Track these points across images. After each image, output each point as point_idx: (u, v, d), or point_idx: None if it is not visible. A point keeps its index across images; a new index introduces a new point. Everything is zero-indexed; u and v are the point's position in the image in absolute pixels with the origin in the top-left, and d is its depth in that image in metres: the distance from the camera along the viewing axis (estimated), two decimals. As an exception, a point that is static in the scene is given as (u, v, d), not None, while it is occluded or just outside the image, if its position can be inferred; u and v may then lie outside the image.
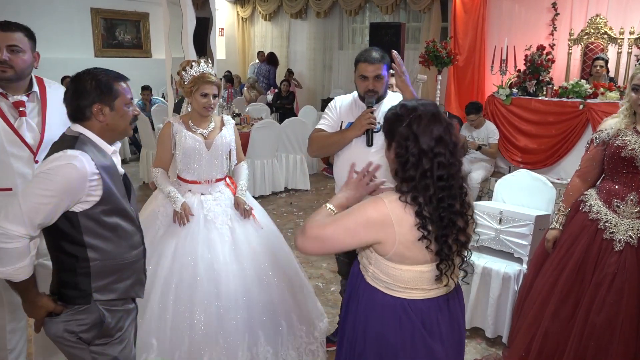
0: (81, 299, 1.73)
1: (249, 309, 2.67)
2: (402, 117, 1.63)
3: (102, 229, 1.72)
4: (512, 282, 3.14)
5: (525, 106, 5.87)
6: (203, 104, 2.73)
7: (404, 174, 1.61)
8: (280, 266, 2.91)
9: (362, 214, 1.62)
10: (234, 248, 2.76)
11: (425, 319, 1.68)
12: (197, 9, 5.51)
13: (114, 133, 1.79)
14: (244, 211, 2.84)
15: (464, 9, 7.88)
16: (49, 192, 1.60)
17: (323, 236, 1.62)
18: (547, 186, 3.33)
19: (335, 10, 10.78)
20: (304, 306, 2.97)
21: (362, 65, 2.60)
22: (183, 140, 2.77)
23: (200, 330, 2.57)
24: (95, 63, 8.52)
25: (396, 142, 1.64)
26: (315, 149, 2.82)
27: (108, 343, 1.79)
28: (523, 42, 6.52)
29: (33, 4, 8.68)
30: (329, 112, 2.82)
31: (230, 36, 12.66)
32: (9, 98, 2.21)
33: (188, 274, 2.63)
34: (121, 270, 1.80)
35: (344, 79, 11.08)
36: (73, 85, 1.74)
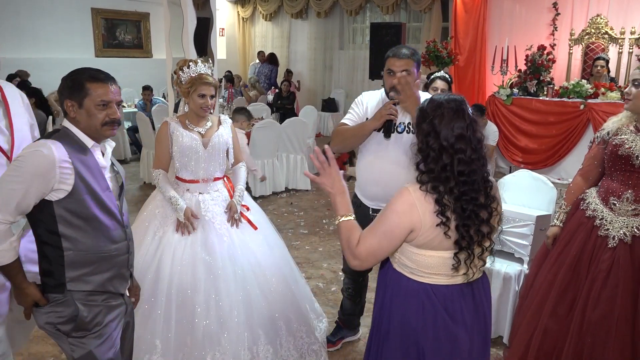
0: (56, 288, 1.79)
1: (248, 309, 2.67)
2: (427, 113, 1.69)
3: (76, 219, 1.76)
4: (513, 283, 3.13)
5: (526, 106, 5.87)
6: (200, 104, 2.71)
7: (425, 167, 1.67)
8: (278, 267, 2.91)
9: (392, 210, 1.68)
10: (233, 249, 2.75)
11: (448, 304, 1.72)
12: (198, 9, 5.51)
13: (89, 131, 1.82)
14: (232, 219, 2.82)
15: (465, 8, 7.88)
16: (18, 177, 1.67)
17: (371, 249, 1.69)
18: (547, 186, 3.32)
19: (335, 10, 10.78)
20: (302, 307, 2.97)
21: (390, 60, 2.53)
22: (180, 138, 2.76)
23: (201, 331, 2.57)
24: (95, 63, 8.55)
25: (419, 137, 1.71)
26: (337, 142, 2.78)
27: (85, 336, 1.83)
28: (524, 42, 6.52)
29: (33, 4, 8.68)
30: (355, 107, 2.76)
31: (231, 36, 12.66)
32: None
33: (188, 276, 2.63)
34: (97, 262, 1.83)
35: (345, 79, 11.08)
36: (62, 81, 1.82)
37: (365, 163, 2.70)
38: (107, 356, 1.88)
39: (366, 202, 2.74)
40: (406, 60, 2.49)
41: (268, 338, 2.69)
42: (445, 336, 1.72)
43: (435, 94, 1.89)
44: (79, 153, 1.77)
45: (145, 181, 6.87)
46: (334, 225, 5.47)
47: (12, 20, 8.34)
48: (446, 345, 1.73)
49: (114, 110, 1.83)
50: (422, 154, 1.69)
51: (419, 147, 1.70)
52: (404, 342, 1.76)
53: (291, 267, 3.05)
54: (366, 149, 2.69)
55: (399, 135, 2.57)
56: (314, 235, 5.16)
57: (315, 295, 3.78)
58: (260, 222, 2.99)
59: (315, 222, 5.57)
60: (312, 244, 4.92)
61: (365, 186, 2.74)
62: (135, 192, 6.06)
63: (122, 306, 1.98)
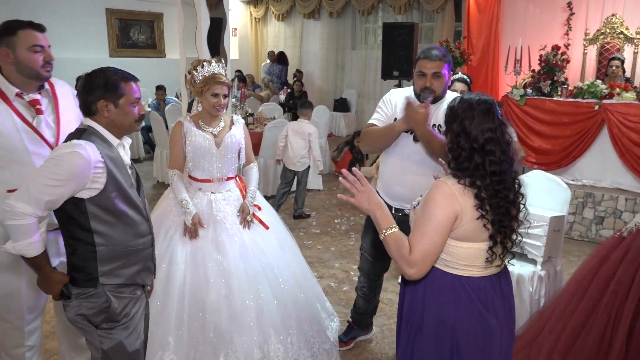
0: (89, 282, 1.85)
1: (259, 309, 2.69)
2: (457, 114, 1.72)
3: (108, 215, 1.83)
4: (527, 284, 3.12)
5: (539, 106, 5.82)
6: (213, 103, 2.75)
7: (458, 165, 1.72)
8: (289, 266, 2.92)
9: (434, 205, 1.70)
10: (244, 249, 2.77)
11: (481, 295, 1.76)
12: (211, 9, 5.55)
13: (119, 129, 1.90)
14: (245, 221, 2.84)
15: (478, 8, 7.84)
16: (55, 176, 1.72)
17: (426, 251, 1.69)
18: (561, 187, 3.30)
19: (348, 10, 10.78)
20: (313, 306, 2.97)
21: (421, 62, 2.51)
22: (193, 138, 2.79)
23: (213, 330, 2.59)
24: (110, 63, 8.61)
25: (449, 136, 1.75)
26: (366, 144, 2.77)
27: (114, 328, 1.89)
28: (538, 42, 6.46)
29: (49, 5, 8.79)
30: (383, 106, 2.72)
31: (244, 36, 12.71)
32: (25, 97, 2.24)
33: (200, 274, 2.66)
34: (127, 256, 1.90)
35: (357, 79, 11.07)
36: (84, 81, 1.86)
37: (392, 163, 2.68)
38: (135, 347, 1.95)
39: (389, 201, 2.73)
40: (437, 62, 2.47)
41: (279, 337, 2.70)
42: (481, 327, 1.76)
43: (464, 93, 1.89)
44: (108, 151, 1.83)
45: (159, 180, 6.93)
46: (345, 224, 5.48)
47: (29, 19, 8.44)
48: (481, 336, 1.76)
49: (142, 106, 1.94)
50: (453, 154, 1.73)
51: (450, 147, 1.75)
52: (438, 335, 1.78)
53: (302, 267, 3.06)
54: (393, 149, 2.67)
55: None
56: (325, 235, 5.17)
57: (327, 294, 3.79)
58: (271, 221, 3.00)
59: (327, 221, 5.58)
60: (324, 244, 4.93)
61: (390, 186, 2.72)
62: (148, 191, 6.11)
63: (144, 299, 2.05)
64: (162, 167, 6.78)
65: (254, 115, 6.92)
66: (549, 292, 3.18)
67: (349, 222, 5.59)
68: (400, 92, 2.75)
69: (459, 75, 3.82)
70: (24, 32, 2.19)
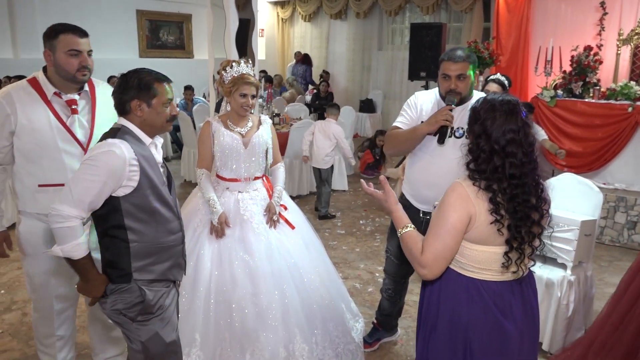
0: (122, 277, 1.90)
1: (284, 308, 2.70)
2: (479, 115, 1.71)
3: (141, 213, 1.87)
4: (556, 289, 3.06)
5: (570, 108, 5.71)
6: (241, 103, 2.77)
7: (476, 167, 1.70)
8: (314, 266, 2.93)
9: (448, 207, 1.69)
10: (270, 248, 2.79)
11: (497, 299, 1.73)
12: (240, 10, 5.60)
13: (152, 128, 1.95)
14: (271, 221, 2.86)
15: (508, 8, 7.72)
16: (94, 176, 1.77)
17: (437, 252, 1.68)
18: (593, 191, 3.23)
19: (375, 11, 10.74)
20: (338, 307, 2.97)
21: (444, 64, 2.47)
22: (221, 138, 2.82)
23: (239, 328, 2.62)
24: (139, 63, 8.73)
25: (470, 137, 1.74)
26: (390, 147, 2.77)
27: (150, 319, 1.95)
28: (569, 43, 6.34)
29: (82, 6, 8.99)
30: (408, 109, 2.69)
31: (270, 37, 12.79)
32: (62, 97, 2.33)
33: (226, 272, 2.69)
34: (159, 252, 1.95)
35: (383, 79, 11.03)
36: (119, 81, 1.92)
37: (420, 166, 2.65)
38: (171, 337, 2.02)
39: (417, 204, 2.71)
40: (462, 63, 2.43)
41: (304, 337, 2.70)
42: (495, 331, 1.73)
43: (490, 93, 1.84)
44: (141, 150, 1.88)
45: (186, 179, 7.03)
46: (370, 225, 5.47)
47: (62, 21, 8.64)
48: (495, 341, 1.73)
49: (174, 106, 1.99)
50: (473, 155, 1.71)
51: (470, 148, 1.73)
52: (452, 336, 1.76)
53: (327, 267, 3.07)
54: (421, 152, 2.63)
55: (457, 140, 2.50)
56: (351, 236, 5.17)
57: (352, 295, 3.78)
58: (297, 221, 3.01)
59: (352, 222, 5.58)
60: (349, 244, 4.93)
61: (419, 189, 2.69)
62: (176, 189, 6.21)
63: (176, 294, 2.10)
64: (190, 166, 6.87)
65: (280, 115, 6.95)
66: (578, 298, 3.12)
67: (374, 223, 5.57)
68: (426, 94, 2.73)
69: (496, 76, 3.77)
70: (64, 36, 2.28)
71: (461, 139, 2.49)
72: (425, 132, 2.49)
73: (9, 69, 7.92)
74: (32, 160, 2.30)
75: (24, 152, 2.30)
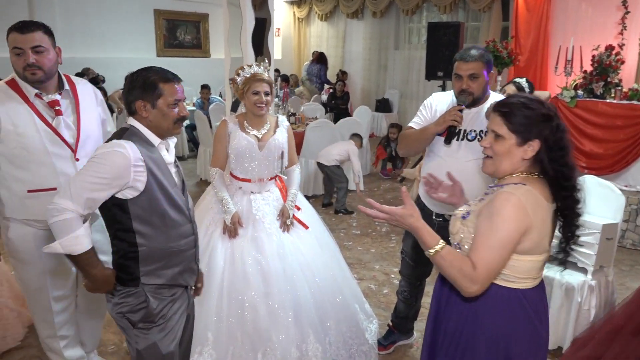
0: (131, 281, 1.85)
1: (297, 308, 2.69)
2: (552, 118, 1.63)
3: (149, 216, 1.82)
4: (576, 294, 3.00)
5: (591, 109, 5.61)
6: (254, 101, 2.74)
7: (550, 172, 1.64)
8: (327, 267, 2.91)
9: (503, 218, 1.59)
10: (282, 248, 2.78)
11: (534, 307, 1.71)
12: (256, 9, 5.60)
13: (158, 129, 1.87)
14: (284, 225, 2.84)
15: (527, 7, 7.62)
16: (97, 173, 1.72)
17: (491, 266, 1.59)
18: (615, 193, 3.16)
19: (391, 10, 10.68)
20: (351, 307, 2.95)
21: (457, 64, 2.44)
22: (237, 140, 2.81)
23: (251, 327, 2.61)
24: (157, 63, 8.79)
25: (544, 141, 1.62)
26: (402, 146, 2.77)
27: (150, 328, 1.89)
28: (590, 42, 6.23)
29: (101, 6, 9.07)
30: (423, 110, 2.68)
31: (287, 36, 12.79)
32: (44, 98, 2.23)
33: (239, 272, 2.68)
34: (168, 257, 1.89)
35: (400, 79, 10.96)
36: (127, 80, 1.85)
37: (432, 167, 2.60)
38: (169, 349, 1.94)
39: (430, 206, 2.68)
40: (474, 63, 2.39)
41: (317, 337, 2.69)
42: (534, 340, 1.71)
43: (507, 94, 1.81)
44: (149, 151, 1.82)
45: (202, 178, 7.05)
46: (386, 226, 5.43)
47: (81, 21, 8.76)
48: (533, 349, 1.71)
49: (183, 106, 1.89)
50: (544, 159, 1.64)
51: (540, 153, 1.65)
52: (491, 351, 1.70)
53: (341, 268, 3.05)
54: (433, 152, 2.62)
55: (469, 142, 2.47)
56: (366, 237, 5.14)
57: (366, 297, 3.76)
58: (311, 221, 3.00)
59: (367, 223, 5.54)
60: (364, 245, 4.89)
61: None
62: (191, 188, 6.23)
63: (186, 300, 2.04)
64: (206, 165, 6.90)
65: (296, 115, 6.94)
66: (599, 303, 3.05)
67: (390, 224, 5.53)
68: (442, 95, 2.70)
69: (519, 80, 3.74)
70: (11, 35, 2.15)
71: (474, 142, 2.45)
72: (434, 132, 2.46)
73: (29, 68, 8.02)
74: (20, 166, 2.20)
75: (10, 157, 2.19)
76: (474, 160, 2.44)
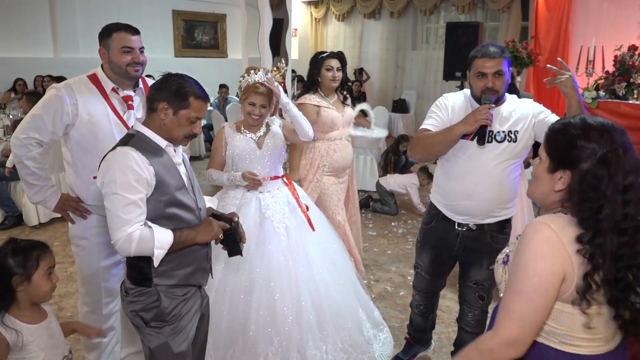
0: (144, 282, 1.87)
1: (299, 313, 2.66)
2: (595, 147, 1.28)
3: (160, 218, 1.82)
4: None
5: (613, 110, 5.51)
6: (249, 111, 2.75)
7: (579, 213, 1.30)
8: (332, 272, 2.87)
9: (531, 256, 1.29)
10: (289, 250, 2.76)
11: None
12: (274, 10, 5.61)
13: (167, 134, 1.86)
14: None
15: (547, 7, 7.53)
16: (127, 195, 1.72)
17: (522, 317, 1.28)
18: (638, 197, 3.08)
19: (409, 10, 10.63)
20: (355, 315, 2.90)
21: (479, 62, 2.31)
22: (235, 142, 2.81)
23: (253, 331, 2.59)
24: (174, 63, 8.86)
25: (579, 175, 1.30)
26: (419, 150, 2.55)
27: (162, 327, 1.90)
28: (612, 42, 6.13)
29: (121, 7, 9.19)
30: (438, 110, 2.49)
31: (303, 37, 12.80)
32: (119, 92, 2.41)
33: (244, 275, 2.67)
34: (180, 257, 1.89)
35: (417, 79, 10.91)
36: (162, 77, 1.86)
37: (454, 173, 2.47)
38: (180, 348, 1.94)
39: (451, 215, 2.52)
40: (497, 59, 2.28)
41: (315, 344, 2.65)
42: None
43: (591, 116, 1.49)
44: (156, 155, 1.82)
45: (218, 178, 7.07)
46: (402, 227, 5.40)
47: (101, 21, 8.79)
48: None
49: (199, 125, 1.91)
50: (575, 196, 1.31)
51: (571, 187, 1.32)
52: None
53: (348, 273, 3.00)
54: (456, 157, 2.44)
55: (498, 144, 2.34)
56: (382, 238, 5.11)
57: (382, 299, 3.74)
58: (318, 223, 2.95)
59: (384, 224, 5.51)
60: (380, 246, 4.87)
61: (455, 199, 2.49)
62: (208, 188, 6.24)
63: (199, 300, 2.04)
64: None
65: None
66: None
67: (407, 225, 5.50)
68: (455, 95, 2.54)
69: None
70: (117, 35, 2.35)
71: (503, 143, 2.35)
72: (462, 132, 2.30)
73: (49, 68, 8.15)
74: (89, 152, 2.35)
75: (81, 144, 2.36)
76: (500, 163, 2.35)
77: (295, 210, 2.89)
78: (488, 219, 2.47)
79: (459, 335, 2.82)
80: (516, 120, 2.37)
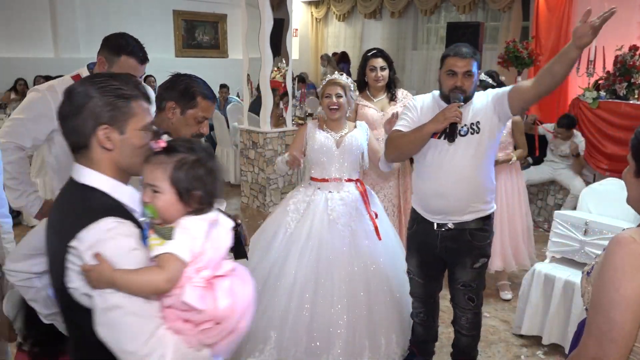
0: None
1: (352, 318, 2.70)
2: None
3: None
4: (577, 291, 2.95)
5: (614, 110, 5.51)
6: (327, 103, 2.88)
7: None
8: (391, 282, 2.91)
9: (615, 272, 1.19)
10: (351, 255, 2.79)
11: None
12: (274, 10, 5.61)
13: (175, 134, 1.83)
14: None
15: (548, 7, 7.51)
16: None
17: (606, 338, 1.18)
18: (639, 197, 3.08)
19: (410, 10, 10.62)
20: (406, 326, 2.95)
21: (450, 60, 2.38)
22: (315, 137, 2.91)
23: (317, 331, 2.63)
24: (175, 63, 8.85)
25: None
26: (392, 151, 2.59)
27: None
28: (613, 42, 6.12)
29: (121, 7, 9.18)
30: (408, 112, 2.57)
31: (304, 36, 12.80)
32: None
33: (311, 276, 2.71)
34: None
35: (417, 79, 10.90)
36: (170, 77, 1.85)
37: (426, 173, 2.53)
38: None
39: (428, 216, 2.58)
40: (469, 60, 2.36)
41: (372, 351, 2.72)
42: None
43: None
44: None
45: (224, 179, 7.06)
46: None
47: (102, 21, 8.86)
48: None
49: (206, 125, 1.89)
50: None
51: None
52: None
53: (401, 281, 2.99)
54: (424, 158, 2.51)
55: (462, 138, 2.41)
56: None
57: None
58: (387, 231, 2.99)
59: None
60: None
61: (429, 199, 2.55)
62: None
63: None
64: (224, 165, 6.92)
65: (314, 115, 6.93)
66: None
67: (407, 226, 5.49)
68: (422, 97, 2.63)
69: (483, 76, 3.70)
70: (126, 59, 2.26)
71: (467, 136, 2.41)
72: (432, 131, 2.37)
73: (50, 68, 8.14)
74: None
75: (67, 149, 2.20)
76: (469, 158, 2.41)
77: (363, 216, 2.89)
78: (465, 216, 2.50)
79: (456, 338, 2.83)
80: (475, 112, 2.44)
